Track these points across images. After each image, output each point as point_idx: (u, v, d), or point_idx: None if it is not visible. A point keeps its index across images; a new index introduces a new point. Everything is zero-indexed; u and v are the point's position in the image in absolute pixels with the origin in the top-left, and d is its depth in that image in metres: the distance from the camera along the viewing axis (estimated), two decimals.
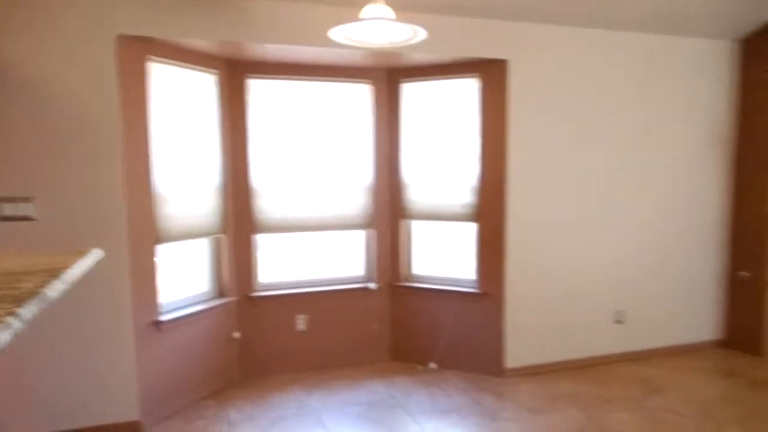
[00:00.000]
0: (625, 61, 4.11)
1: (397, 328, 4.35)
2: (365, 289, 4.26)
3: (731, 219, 4.54)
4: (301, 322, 4.13)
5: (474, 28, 3.68)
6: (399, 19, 2.42)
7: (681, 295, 4.48)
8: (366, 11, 2.42)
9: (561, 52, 3.92)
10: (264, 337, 4.06)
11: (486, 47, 3.73)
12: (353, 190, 4.14)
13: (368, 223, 4.22)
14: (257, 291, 4.04)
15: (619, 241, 4.24)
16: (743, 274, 4.43)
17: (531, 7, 3.58)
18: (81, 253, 1.38)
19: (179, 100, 3.45)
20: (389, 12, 2.39)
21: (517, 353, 4.04)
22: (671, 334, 4.49)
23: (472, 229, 4.08)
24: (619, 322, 4.30)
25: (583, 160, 4.07)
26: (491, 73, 3.84)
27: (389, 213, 4.27)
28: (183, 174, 3.50)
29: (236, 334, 3.95)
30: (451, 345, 4.17)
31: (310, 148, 4.00)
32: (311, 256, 4.33)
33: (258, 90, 3.87)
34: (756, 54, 4.27)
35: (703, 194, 4.45)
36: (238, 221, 3.92)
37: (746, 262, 4.42)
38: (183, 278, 3.73)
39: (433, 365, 4.21)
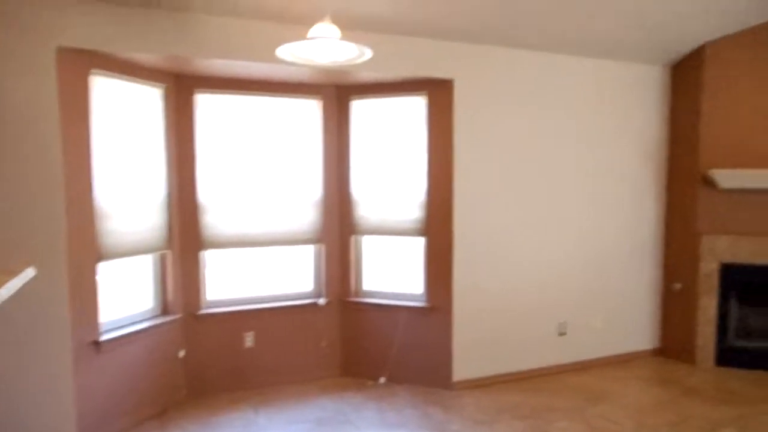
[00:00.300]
0: (566, 82, 4.30)
1: (347, 343, 4.35)
2: (314, 305, 4.25)
3: (664, 233, 4.79)
4: (249, 340, 4.08)
5: (421, 48, 3.79)
6: (347, 38, 2.47)
7: (619, 307, 4.68)
8: (314, 30, 2.46)
9: (505, 72, 4.07)
10: (211, 355, 3.99)
11: (432, 67, 3.84)
12: (303, 206, 4.15)
13: (318, 238, 4.22)
14: (204, 308, 3.97)
15: (561, 256, 4.40)
16: (676, 285, 4.67)
17: (476, 28, 3.71)
18: (11, 272, 1.35)
19: (124, 114, 3.39)
20: (336, 31, 2.44)
21: (465, 366, 4.11)
22: (611, 345, 4.67)
23: (420, 243, 4.15)
24: (562, 334, 4.45)
25: (527, 178, 4.22)
26: (438, 92, 3.95)
27: (339, 228, 4.29)
28: (126, 189, 3.43)
29: (182, 353, 3.87)
30: (400, 359, 4.21)
31: (259, 164, 3.99)
32: (260, 272, 4.30)
33: (206, 105, 3.84)
34: (683, 79, 4.56)
35: (638, 211, 4.68)
36: (184, 237, 3.85)
37: (678, 274, 4.66)
38: (126, 296, 3.63)
39: (382, 380, 4.23)
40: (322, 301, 4.26)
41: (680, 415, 3.62)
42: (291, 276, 4.32)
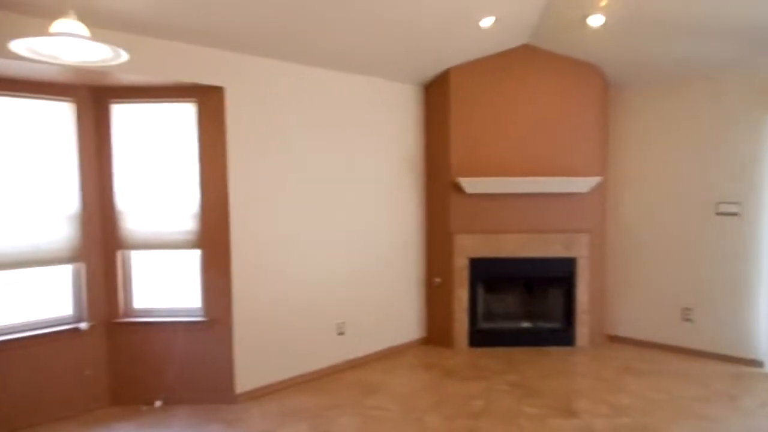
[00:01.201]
0: (336, 96, 4.56)
1: (117, 368, 3.97)
2: (75, 330, 3.79)
3: (426, 234, 5.38)
4: None
5: (188, 53, 3.66)
6: (102, 37, 2.28)
7: (390, 304, 5.12)
8: (57, 26, 2.21)
9: (279, 84, 4.16)
10: None
11: (201, 73, 3.73)
12: (54, 220, 3.68)
13: (75, 256, 3.78)
14: None
15: (336, 259, 4.64)
16: (436, 280, 5.28)
17: (246, 38, 3.72)
18: None
19: None
20: (82, 28, 2.23)
21: (248, 376, 4.07)
22: (385, 339, 5.08)
23: (196, 256, 3.99)
24: (341, 333, 4.69)
25: (301, 186, 4.37)
26: (208, 100, 3.86)
27: (102, 243, 3.90)
28: None
29: None
30: (179, 379, 3.99)
31: None
32: (4, 298, 3.68)
33: None
34: (434, 98, 5.19)
35: (403, 214, 5.18)
36: None
37: (438, 269, 5.27)
38: None
39: (158, 403, 3.96)
40: (84, 325, 3.82)
41: (441, 394, 4.10)
42: (44, 300, 3.79)
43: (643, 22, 4.05)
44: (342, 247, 4.68)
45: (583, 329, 5.21)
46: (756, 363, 4.60)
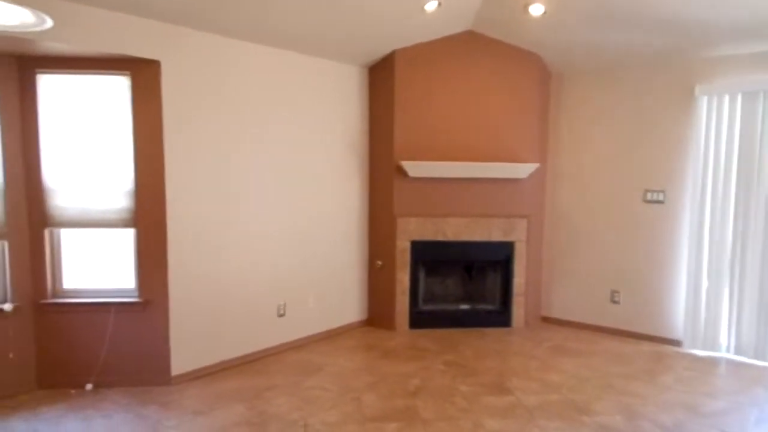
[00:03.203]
0: (279, 75, 4.49)
1: (45, 351, 3.82)
2: None
3: (369, 216, 5.41)
4: None
5: (121, 22, 3.50)
6: (30, 1, 2.16)
7: (332, 286, 5.13)
8: None
9: (219, 60, 4.05)
10: None
11: (134, 45, 3.58)
12: None
13: None
14: None
15: (278, 240, 4.61)
16: (378, 262, 5.33)
17: (184, 10, 3.60)
18: None
19: None
20: None
21: (184, 358, 4.00)
22: (326, 321, 5.10)
23: (130, 234, 3.87)
24: (281, 315, 4.67)
25: (243, 165, 4.29)
26: (143, 73, 3.72)
27: (27, 221, 3.73)
28: None
29: None
30: (111, 361, 3.88)
31: None
32: None
33: None
34: (378, 80, 5.18)
35: (347, 196, 5.19)
36: None
37: (381, 252, 5.32)
38: None
39: (89, 386, 3.84)
40: (8, 306, 3.65)
41: (379, 374, 4.16)
42: None
43: (579, 13, 4.18)
44: (284, 229, 4.64)
45: (519, 311, 5.39)
46: (675, 342, 4.89)
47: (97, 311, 3.84)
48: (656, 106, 4.91)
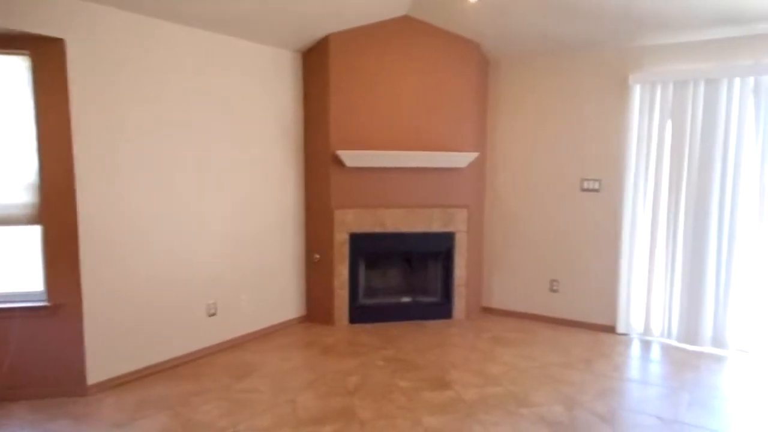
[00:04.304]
0: (206, 59, 4.18)
1: None
2: None
3: (305, 208, 5.19)
4: None
5: None
6: None
7: (267, 281, 4.89)
8: None
9: (137, 41, 3.71)
10: None
11: (33, 20, 3.21)
12: None
13: None
14: None
15: (207, 236, 4.32)
16: (316, 256, 5.12)
17: None
18: None
19: None
20: None
21: (102, 365, 3.68)
22: (261, 318, 4.86)
23: (36, 233, 3.51)
24: (212, 314, 4.40)
25: (169, 156, 3.98)
26: (45, 53, 3.35)
27: None
28: None
29: None
30: (16, 372, 3.51)
31: None
32: None
33: None
34: (313, 65, 4.95)
35: (281, 189, 4.94)
36: None
37: (318, 245, 5.11)
38: None
39: None
40: None
41: (317, 372, 3.98)
42: None
43: (516, 0, 4.11)
44: (214, 223, 4.36)
45: (460, 302, 5.32)
46: (612, 329, 4.96)
47: None
48: (592, 94, 4.92)
